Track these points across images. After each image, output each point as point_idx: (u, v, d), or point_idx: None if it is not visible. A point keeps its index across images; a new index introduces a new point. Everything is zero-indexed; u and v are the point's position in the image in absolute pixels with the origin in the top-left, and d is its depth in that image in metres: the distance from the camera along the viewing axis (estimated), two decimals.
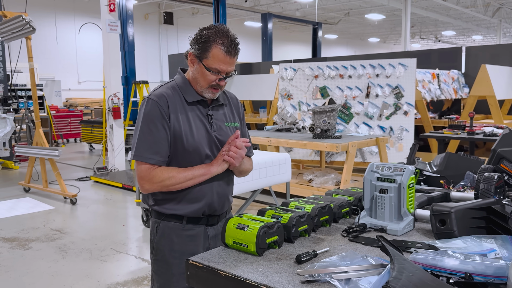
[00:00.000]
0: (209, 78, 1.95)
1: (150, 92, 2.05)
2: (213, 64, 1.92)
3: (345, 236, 1.86)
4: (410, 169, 1.92)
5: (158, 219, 2.08)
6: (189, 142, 1.97)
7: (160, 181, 1.94)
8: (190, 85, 2.03)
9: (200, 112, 2.03)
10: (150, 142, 1.94)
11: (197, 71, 1.97)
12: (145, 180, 1.96)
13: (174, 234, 2.05)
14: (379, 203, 1.94)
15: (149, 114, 1.95)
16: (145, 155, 1.94)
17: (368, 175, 1.98)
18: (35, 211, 6.33)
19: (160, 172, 1.95)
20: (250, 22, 23.55)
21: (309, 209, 1.95)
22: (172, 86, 2.04)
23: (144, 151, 1.94)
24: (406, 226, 1.91)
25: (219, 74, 1.94)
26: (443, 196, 2.40)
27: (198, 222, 2.07)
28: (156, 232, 2.08)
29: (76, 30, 16.42)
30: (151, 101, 1.97)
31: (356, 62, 7.80)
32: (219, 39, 1.91)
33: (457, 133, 5.34)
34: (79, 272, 4.20)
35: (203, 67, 1.93)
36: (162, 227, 2.06)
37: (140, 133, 1.96)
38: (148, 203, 2.13)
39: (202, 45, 1.92)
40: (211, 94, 2.01)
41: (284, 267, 1.55)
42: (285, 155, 4.79)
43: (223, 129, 2.08)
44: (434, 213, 1.83)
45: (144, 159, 1.95)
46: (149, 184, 1.97)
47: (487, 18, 21.71)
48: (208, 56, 1.91)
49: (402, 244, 1.73)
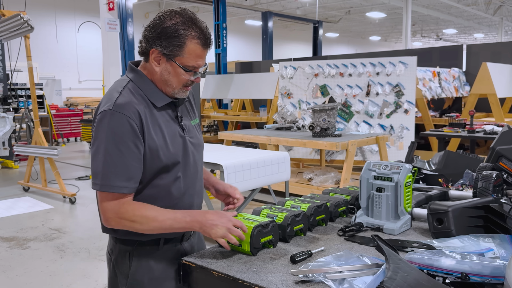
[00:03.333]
0: (184, 77, 1.64)
1: (107, 102, 1.60)
2: (190, 62, 1.62)
3: (341, 236, 1.84)
4: (407, 168, 1.89)
5: (129, 245, 1.72)
6: (166, 157, 1.65)
7: (130, 221, 1.59)
8: (154, 85, 1.68)
9: (169, 115, 1.71)
10: (120, 167, 1.56)
11: (167, 72, 1.64)
12: (112, 214, 1.59)
13: (152, 260, 1.72)
14: (376, 202, 1.92)
15: (116, 131, 1.55)
16: (116, 184, 1.56)
17: (364, 174, 1.96)
18: (34, 211, 6.32)
19: (132, 211, 1.58)
20: (251, 21, 23.51)
21: (305, 208, 1.92)
22: (132, 89, 1.66)
23: (115, 178, 1.56)
24: (403, 225, 1.88)
25: (195, 70, 1.65)
26: (442, 195, 2.37)
27: (175, 241, 1.78)
28: (130, 261, 1.72)
29: (76, 29, 16.41)
30: (118, 115, 1.56)
31: (357, 60, 7.76)
32: (192, 31, 1.60)
33: (457, 131, 5.30)
34: (77, 272, 4.18)
35: (178, 66, 1.62)
36: (136, 255, 1.71)
37: (106, 156, 1.55)
38: (113, 234, 1.74)
39: (173, 40, 1.59)
40: (184, 94, 1.70)
41: (278, 267, 1.53)
42: (284, 154, 4.76)
43: (191, 129, 1.79)
44: (431, 212, 1.81)
45: (115, 189, 1.56)
46: (116, 221, 1.60)
47: (488, 16, 21.63)
48: (183, 53, 1.60)
49: (399, 244, 1.70)
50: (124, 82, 1.68)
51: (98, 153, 1.57)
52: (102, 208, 1.60)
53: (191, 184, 1.79)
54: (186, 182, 1.75)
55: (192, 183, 1.79)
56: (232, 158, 4.39)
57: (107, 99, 1.62)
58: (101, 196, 1.60)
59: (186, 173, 1.75)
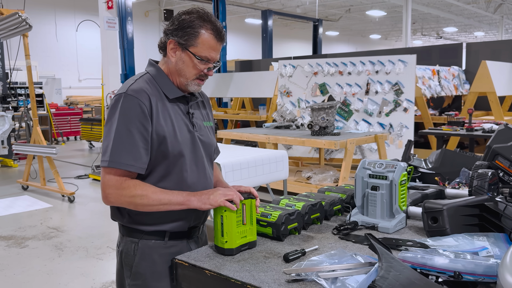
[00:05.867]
0: (198, 67, 1.74)
1: (122, 88, 1.73)
2: (203, 52, 1.72)
3: (336, 234, 1.83)
4: (402, 166, 1.88)
5: (135, 238, 1.78)
6: (173, 146, 1.71)
7: (130, 196, 1.65)
8: (169, 79, 1.78)
9: (180, 110, 1.79)
10: (129, 145, 1.64)
11: (182, 61, 1.74)
12: (113, 189, 1.65)
13: (156, 254, 1.76)
14: (371, 200, 1.91)
15: (127, 112, 1.65)
16: (123, 161, 1.63)
17: (359, 172, 1.95)
18: (32, 209, 6.32)
19: (134, 186, 1.65)
20: (250, 19, 23.47)
21: (299, 206, 1.92)
22: (148, 79, 1.76)
23: (123, 156, 1.63)
24: (398, 224, 1.88)
25: (209, 62, 1.75)
26: (438, 193, 2.37)
27: (181, 237, 1.81)
28: (135, 254, 1.77)
29: (76, 28, 16.40)
30: (130, 97, 1.66)
31: (356, 59, 7.75)
32: (207, 24, 1.71)
33: (456, 129, 5.29)
34: (75, 271, 4.18)
35: (192, 55, 1.71)
36: (141, 247, 1.76)
37: (116, 135, 1.64)
38: (120, 220, 1.81)
39: (188, 30, 1.70)
40: (197, 87, 1.79)
41: (271, 266, 1.52)
42: (282, 152, 4.75)
43: (203, 128, 1.87)
44: (425, 210, 1.80)
45: (122, 166, 1.63)
46: (116, 196, 1.66)
47: (489, 14, 21.59)
48: (197, 43, 1.71)
49: (393, 242, 1.70)
50: (141, 74, 1.80)
51: (109, 133, 1.67)
52: (104, 184, 1.67)
53: (199, 180, 1.82)
54: (193, 177, 1.79)
55: (199, 179, 1.82)
56: (230, 156, 4.38)
57: (123, 86, 1.75)
58: (105, 172, 1.66)
59: (193, 167, 1.79)
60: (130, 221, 1.77)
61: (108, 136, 1.67)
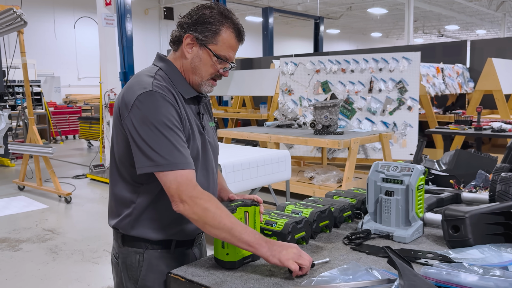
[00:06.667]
0: (215, 67, 1.60)
1: (142, 86, 1.50)
2: (222, 51, 1.58)
3: (347, 244, 1.67)
4: (419, 169, 1.73)
5: (139, 248, 1.60)
6: (193, 148, 1.56)
7: (204, 208, 1.43)
8: (183, 76, 1.63)
9: (192, 110, 1.63)
10: (178, 145, 1.46)
11: (199, 59, 1.59)
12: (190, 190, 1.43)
13: (163, 264, 1.60)
14: (385, 207, 1.76)
15: (161, 110, 1.46)
16: (182, 161, 1.44)
17: (372, 176, 1.80)
18: (28, 210, 6.16)
19: (208, 198, 1.44)
20: (251, 17, 23.30)
21: (307, 213, 1.76)
22: (163, 76, 1.59)
23: (178, 156, 1.44)
24: (414, 233, 1.72)
25: (226, 62, 1.60)
26: (454, 197, 2.21)
27: (187, 245, 1.67)
28: (140, 265, 1.60)
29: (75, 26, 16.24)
30: (159, 95, 1.48)
31: (359, 56, 7.60)
32: (228, 21, 1.58)
33: (464, 128, 5.12)
34: (69, 275, 4.02)
35: (210, 53, 1.57)
36: (147, 258, 1.60)
37: (157, 136, 1.44)
38: (120, 227, 1.61)
39: (208, 27, 1.56)
40: (210, 88, 1.64)
41: (277, 282, 1.37)
42: (285, 152, 4.59)
43: (210, 130, 1.72)
44: (446, 218, 1.65)
45: (182, 166, 1.44)
46: (191, 203, 1.43)
47: (491, 12, 21.42)
48: (217, 40, 1.56)
49: (411, 254, 1.54)
50: (154, 69, 1.61)
51: (148, 134, 1.44)
52: (172, 191, 1.43)
53: (208, 185, 1.66)
54: (203, 182, 1.62)
55: (209, 184, 1.67)
56: (231, 156, 4.22)
57: (139, 84, 1.51)
58: (166, 177, 1.43)
59: (203, 171, 1.65)
60: (133, 230, 1.59)
61: (147, 138, 1.44)
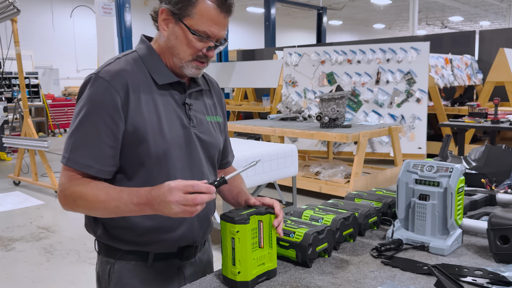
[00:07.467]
0: (195, 45, 1.32)
1: (99, 68, 1.35)
2: (201, 26, 1.30)
3: (376, 257, 1.43)
4: (459, 169, 1.48)
5: (110, 257, 1.41)
6: (157, 145, 1.32)
7: (73, 200, 1.28)
8: (161, 59, 1.39)
9: (173, 99, 1.39)
10: (91, 142, 1.28)
11: (175, 36, 1.33)
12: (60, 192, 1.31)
13: (136, 278, 1.39)
14: (418, 212, 1.52)
15: (94, 99, 1.28)
16: (81, 161, 1.28)
17: (403, 177, 1.55)
18: (23, 207, 5.92)
19: (78, 186, 1.27)
20: (253, 8, 22.93)
21: (328, 220, 1.52)
22: (133, 59, 1.37)
23: (82, 154, 1.28)
24: (454, 243, 1.48)
25: (209, 39, 1.33)
26: (488, 199, 1.98)
27: (170, 258, 1.43)
28: (110, 278, 1.40)
29: (73, 17, 15.94)
30: (101, 80, 1.29)
31: (365, 47, 7.34)
32: None
33: (480, 121, 4.87)
34: (64, 278, 3.79)
35: (186, 29, 1.30)
36: (118, 270, 1.39)
37: (79, 127, 1.29)
38: (94, 232, 1.42)
39: None
40: (195, 70, 1.37)
41: None
42: (291, 147, 4.35)
43: (204, 124, 1.45)
44: (493, 227, 1.41)
45: (78, 166, 1.28)
46: (63, 200, 1.30)
47: (496, 3, 21.04)
48: (193, 13, 1.29)
49: (455, 271, 1.30)
50: (127, 52, 1.42)
51: (73, 124, 1.32)
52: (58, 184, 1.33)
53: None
54: None
55: None
56: (234, 151, 3.98)
57: (101, 67, 1.37)
58: (64, 170, 1.31)
59: (185, 172, 1.38)
60: (105, 235, 1.39)
61: (71, 126, 1.32)
